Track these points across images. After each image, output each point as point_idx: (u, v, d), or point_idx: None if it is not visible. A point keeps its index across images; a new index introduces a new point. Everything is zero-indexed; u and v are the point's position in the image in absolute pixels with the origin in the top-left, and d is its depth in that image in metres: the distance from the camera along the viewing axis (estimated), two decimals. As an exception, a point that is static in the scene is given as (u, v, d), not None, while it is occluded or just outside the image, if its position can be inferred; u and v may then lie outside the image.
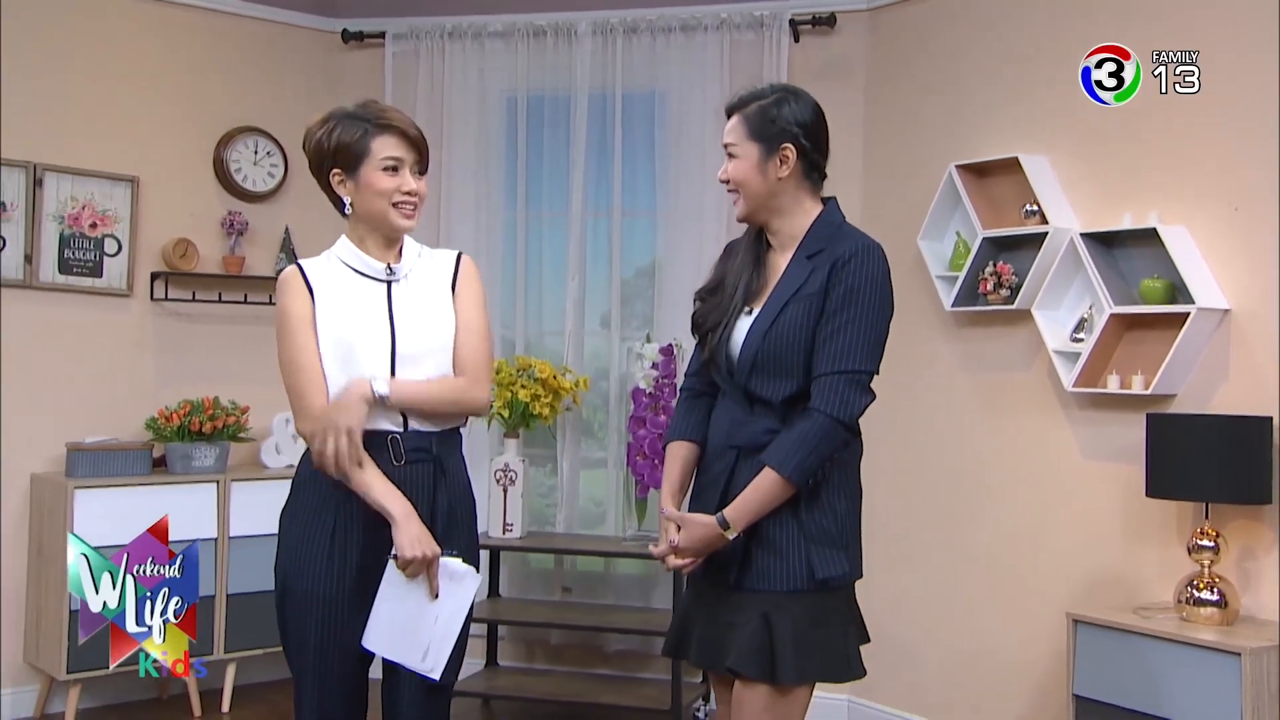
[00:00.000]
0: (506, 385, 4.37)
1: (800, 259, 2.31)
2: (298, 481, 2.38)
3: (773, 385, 2.27)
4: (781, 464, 2.19)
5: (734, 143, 2.34)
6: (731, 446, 2.30)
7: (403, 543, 2.22)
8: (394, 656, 2.31)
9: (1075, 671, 3.29)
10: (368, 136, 2.30)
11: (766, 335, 2.27)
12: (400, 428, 2.30)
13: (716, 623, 2.32)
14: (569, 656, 4.74)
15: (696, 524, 2.27)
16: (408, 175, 2.33)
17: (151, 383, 4.61)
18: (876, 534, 4.33)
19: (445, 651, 2.30)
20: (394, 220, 2.32)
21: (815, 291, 2.25)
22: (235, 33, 4.81)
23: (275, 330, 2.35)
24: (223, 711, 4.41)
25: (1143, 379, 3.46)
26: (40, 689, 4.31)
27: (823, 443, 2.21)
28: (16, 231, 4.32)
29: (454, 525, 2.35)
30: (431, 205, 4.76)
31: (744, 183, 2.33)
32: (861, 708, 4.39)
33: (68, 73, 4.44)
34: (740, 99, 2.37)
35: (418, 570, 2.25)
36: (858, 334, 2.24)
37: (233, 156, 4.77)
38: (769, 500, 2.21)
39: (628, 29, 4.65)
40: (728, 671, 2.28)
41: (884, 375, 4.54)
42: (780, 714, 2.24)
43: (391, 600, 2.28)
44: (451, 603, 2.30)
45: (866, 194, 4.46)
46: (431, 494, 2.32)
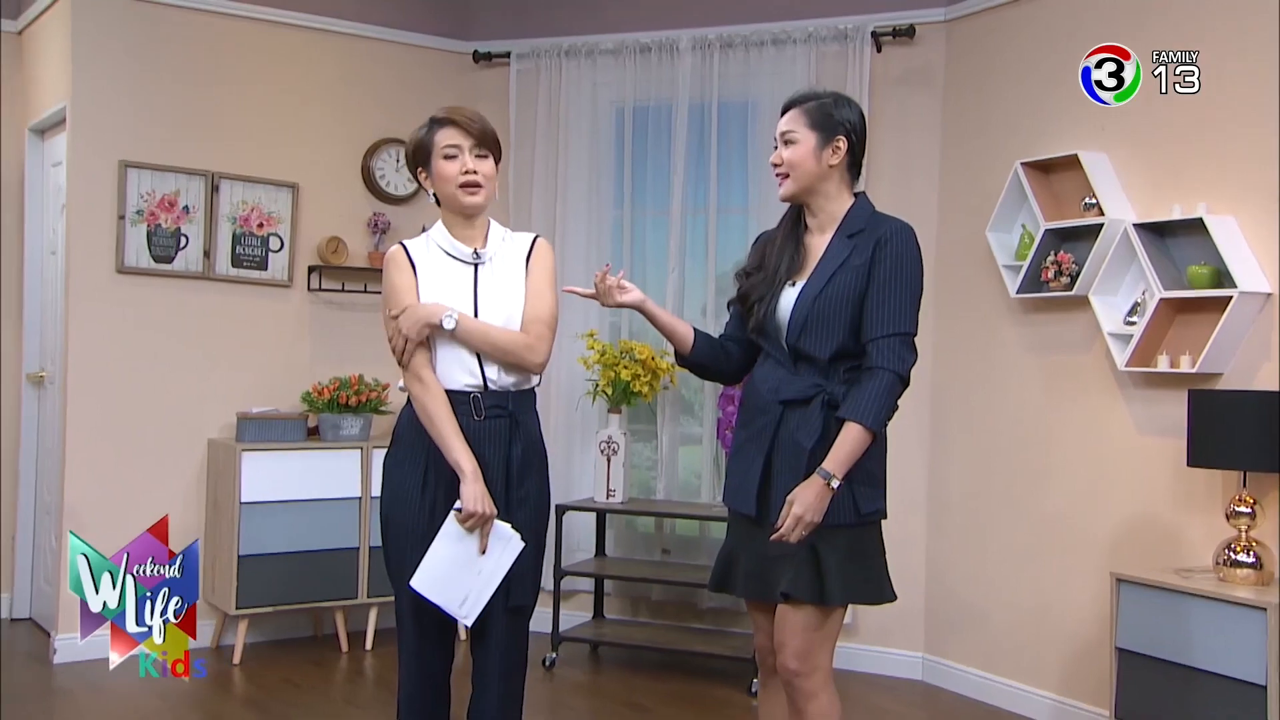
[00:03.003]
0: (610, 365, 4.66)
1: (841, 237, 2.52)
2: (397, 434, 2.61)
3: (820, 344, 2.46)
4: (863, 416, 2.39)
5: (793, 130, 2.52)
6: (780, 401, 2.48)
7: (467, 497, 2.43)
8: (435, 598, 2.45)
9: (1118, 626, 3.39)
10: (431, 132, 2.53)
11: (816, 300, 2.47)
12: (480, 389, 2.52)
13: (764, 558, 2.50)
14: (667, 611, 4.98)
15: (806, 488, 2.38)
16: (467, 157, 2.50)
17: (307, 362, 5.00)
18: (950, 503, 4.52)
19: (481, 602, 2.47)
20: (462, 199, 2.52)
21: (861, 264, 2.46)
22: (381, 56, 5.17)
23: (383, 299, 2.58)
24: (365, 649, 4.79)
25: (1190, 358, 3.53)
26: (216, 624, 4.74)
27: (890, 394, 2.42)
28: (197, 230, 4.76)
29: (526, 471, 2.55)
30: (547, 204, 5.09)
31: (798, 164, 2.51)
32: (935, 664, 4.54)
33: (239, 94, 4.86)
34: (800, 96, 2.58)
35: (475, 525, 2.45)
36: (903, 301, 2.46)
37: (378, 165, 5.14)
38: (858, 448, 2.40)
39: (724, 44, 4.85)
40: (780, 597, 2.46)
41: (956, 356, 4.72)
42: (824, 632, 2.46)
43: (445, 549, 2.46)
44: (495, 561, 2.47)
45: (942, 190, 4.59)
46: (507, 444, 2.53)
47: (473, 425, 2.51)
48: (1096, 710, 3.81)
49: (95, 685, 4.17)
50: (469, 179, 2.51)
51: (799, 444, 2.44)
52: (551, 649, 4.64)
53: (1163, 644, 3.27)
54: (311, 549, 4.63)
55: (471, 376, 2.53)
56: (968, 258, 4.43)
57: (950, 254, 4.50)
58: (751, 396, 2.58)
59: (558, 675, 4.54)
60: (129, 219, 4.62)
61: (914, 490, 4.56)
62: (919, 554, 4.57)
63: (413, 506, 2.53)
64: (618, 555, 5.05)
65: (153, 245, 4.67)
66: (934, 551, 4.56)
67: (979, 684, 4.33)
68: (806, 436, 2.44)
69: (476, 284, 2.56)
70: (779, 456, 2.48)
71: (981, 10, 4.42)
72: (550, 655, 4.62)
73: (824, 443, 2.42)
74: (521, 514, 2.54)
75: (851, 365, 2.48)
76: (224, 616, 4.70)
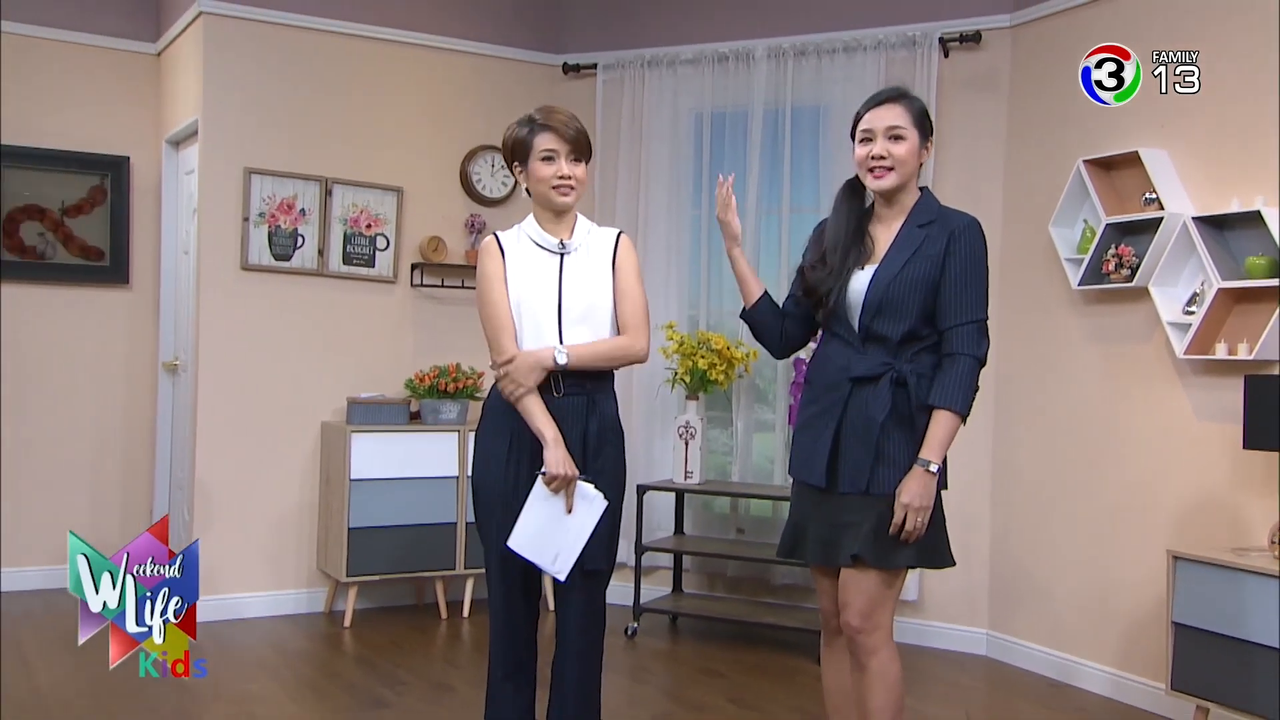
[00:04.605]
0: (688, 355, 4.76)
1: (912, 227, 2.56)
2: (487, 407, 2.74)
3: (892, 325, 2.52)
4: (952, 402, 2.46)
5: (904, 126, 2.53)
6: (850, 379, 2.53)
7: (550, 461, 2.55)
8: (531, 556, 2.56)
9: (1174, 601, 3.40)
10: (532, 134, 2.63)
11: (891, 284, 2.52)
12: (560, 369, 2.61)
13: (834, 525, 2.56)
14: (742, 587, 5.06)
15: (910, 480, 2.45)
16: (563, 162, 2.60)
17: (410, 351, 5.19)
18: (1016, 486, 4.53)
19: (571, 558, 2.58)
20: (554, 199, 2.64)
21: (936, 254, 2.51)
22: (479, 69, 5.34)
23: (476, 286, 2.72)
24: (462, 617, 4.97)
25: (1247, 346, 3.51)
26: (328, 590, 4.98)
27: (971, 377, 2.49)
28: (312, 231, 4.99)
29: (602, 445, 2.65)
30: (630, 204, 5.21)
31: (906, 160, 2.54)
32: (999, 640, 4.55)
33: (350, 106, 5.08)
34: (900, 91, 2.60)
35: (560, 486, 2.56)
36: (978, 290, 2.52)
37: (475, 170, 5.32)
38: (951, 433, 2.48)
39: (797, 52, 4.91)
40: (849, 560, 2.51)
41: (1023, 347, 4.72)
42: (888, 593, 2.53)
43: (535, 510, 2.57)
44: (581, 519, 2.58)
45: (1006, 188, 4.60)
46: (585, 420, 2.63)
47: (553, 402, 2.62)
48: (1154, 684, 3.80)
49: (221, 639, 4.43)
50: (563, 182, 2.62)
51: (871, 418, 2.49)
52: (633, 619, 4.77)
53: (1217, 618, 3.27)
54: (413, 523, 4.82)
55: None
56: (1032, 252, 4.43)
57: (1015, 249, 4.51)
58: (819, 374, 2.62)
59: (639, 644, 4.67)
60: (252, 221, 4.87)
61: (980, 475, 4.58)
62: (985, 535, 4.58)
63: (499, 472, 2.65)
64: (695, 534, 5.15)
65: (273, 245, 4.92)
66: (999, 532, 4.57)
67: (1041, 659, 4.34)
68: (879, 410, 2.49)
69: (561, 272, 2.67)
70: (848, 430, 2.53)
71: (1045, 16, 4.42)
72: (632, 625, 4.75)
73: (893, 416, 2.49)
74: (598, 485, 2.63)
75: (919, 347, 2.53)
76: (336, 584, 4.93)
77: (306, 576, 5.00)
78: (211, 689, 3.81)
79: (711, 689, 4.06)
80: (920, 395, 2.50)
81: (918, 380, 2.51)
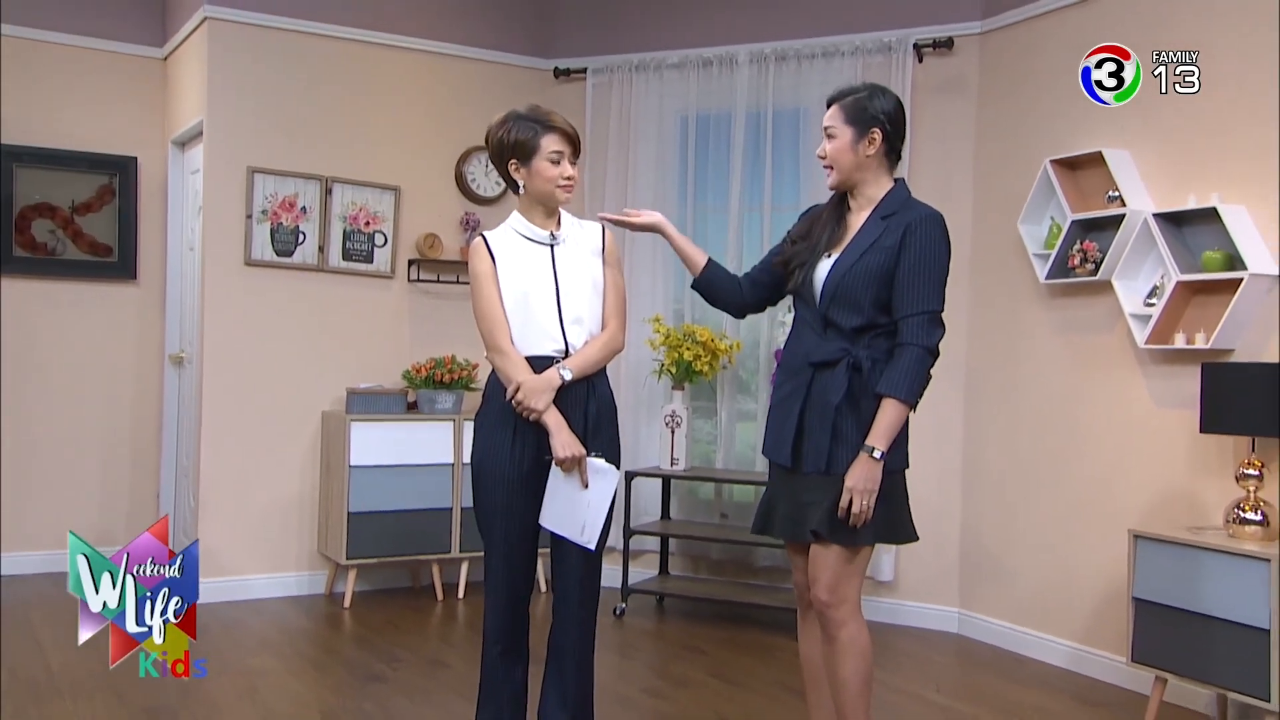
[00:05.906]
0: (674, 347, 4.79)
1: (875, 218, 2.57)
2: (487, 396, 2.77)
3: (846, 315, 2.54)
4: (898, 391, 2.47)
5: (833, 125, 2.58)
6: (810, 363, 2.56)
7: (556, 446, 2.60)
8: (561, 531, 2.65)
9: (1135, 578, 3.44)
10: (538, 135, 2.66)
11: (846, 275, 2.54)
12: (562, 353, 2.67)
13: (798, 502, 2.59)
14: (726, 568, 5.10)
15: (857, 464, 2.47)
16: (566, 164, 2.68)
17: (407, 343, 5.21)
18: (984, 472, 4.58)
19: (597, 528, 2.65)
20: (558, 197, 2.69)
21: (891, 245, 2.51)
22: (474, 73, 5.36)
23: (470, 285, 2.74)
24: (457, 598, 4.99)
25: (1204, 336, 3.56)
26: (329, 573, 5.00)
27: (920, 366, 2.50)
28: (313, 228, 5.00)
29: (600, 425, 2.71)
30: (618, 201, 5.22)
31: (838, 157, 2.58)
32: (969, 618, 4.60)
33: (349, 108, 5.09)
34: (840, 92, 2.63)
35: (571, 467, 2.62)
36: (931, 282, 2.51)
37: (469, 170, 5.34)
38: (897, 420, 2.48)
39: (778, 57, 4.95)
40: (811, 536, 2.55)
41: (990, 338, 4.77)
42: (852, 568, 2.55)
43: (556, 490, 2.64)
44: (597, 491, 2.64)
45: (976, 187, 4.64)
46: (585, 403, 2.69)
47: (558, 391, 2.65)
48: (1115, 657, 3.85)
49: (226, 619, 4.45)
50: (568, 182, 2.68)
51: (828, 401, 2.52)
52: (622, 600, 4.80)
53: (1175, 594, 3.31)
54: (410, 508, 4.84)
55: (554, 343, 2.68)
56: (1001, 248, 4.48)
57: (985, 245, 4.56)
58: (788, 359, 2.66)
59: (627, 623, 4.70)
60: (255, 218, 4.88)
61: (951, 461, 4.63)
62: (955, 519, 4.63)
63: (505, 458, 2.68)
64: (681, 518, 5.19)
65: (275, 241, 4.93)
66: (969, 516, 4.62)
67: (1009, 635, 4.39)
68: (835, 394, 2.51)
69: (554, 262, 2.71)
70: (810, 413, 2.56)
71: (1013, 24, 4.47)
72: (621, 605, 4.78)
73: (848, 400, 2.51)
74: None
75: (876, 333, 2.54)
76: (336, 566, 4.95)
77: (308, 560, 5.01)
78: (217, 665, 3.83)
79: (696, 665, 4.10)
80: (874, 381, 2.51)
81: (872, 365, 2.52)
